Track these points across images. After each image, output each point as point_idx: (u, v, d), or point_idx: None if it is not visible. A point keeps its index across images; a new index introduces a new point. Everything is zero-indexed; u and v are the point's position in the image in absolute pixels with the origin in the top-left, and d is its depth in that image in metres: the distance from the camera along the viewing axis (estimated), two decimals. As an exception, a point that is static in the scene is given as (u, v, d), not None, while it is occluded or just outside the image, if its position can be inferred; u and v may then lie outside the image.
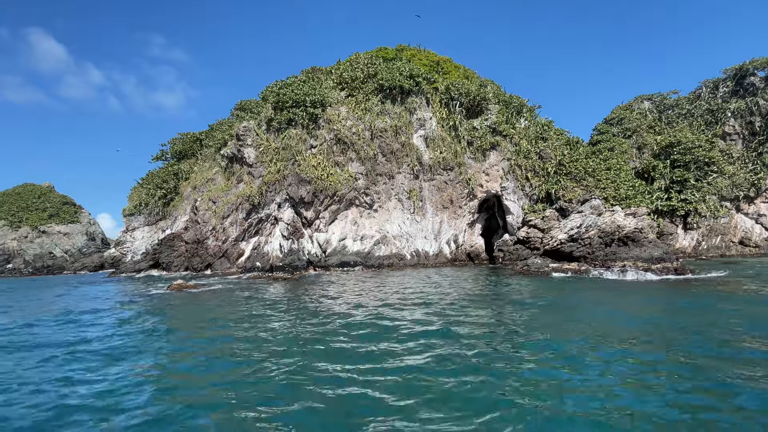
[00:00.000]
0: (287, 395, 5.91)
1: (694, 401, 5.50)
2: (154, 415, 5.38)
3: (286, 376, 6.69)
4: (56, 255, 63.61)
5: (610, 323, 10.37)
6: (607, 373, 6.54)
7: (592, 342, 8.32)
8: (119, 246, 40.02)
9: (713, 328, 9.41)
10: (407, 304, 13.08)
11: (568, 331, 9.37)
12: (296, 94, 32.49)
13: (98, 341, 9.53)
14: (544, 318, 10.99)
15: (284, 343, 8.81)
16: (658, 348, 7.96)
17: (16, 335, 10.44)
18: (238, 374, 6.88)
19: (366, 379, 6.37)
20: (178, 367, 7.69)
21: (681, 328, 9.52)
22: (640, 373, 6.51)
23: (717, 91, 47.88)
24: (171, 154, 45.70)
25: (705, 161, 40.67)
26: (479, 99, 37.61)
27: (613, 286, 17.17)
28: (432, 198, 34.47)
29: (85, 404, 5.85)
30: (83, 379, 6.91)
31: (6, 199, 68.26)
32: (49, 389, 6.48)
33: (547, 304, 13.16)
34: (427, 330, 9.56)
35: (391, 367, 6.89)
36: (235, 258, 29.43)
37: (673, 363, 7.01)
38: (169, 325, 11.39)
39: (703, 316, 10.89)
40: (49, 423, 5.31)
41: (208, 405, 5.69)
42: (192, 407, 5.59)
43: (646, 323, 10.20)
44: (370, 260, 28.55)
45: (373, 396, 5.76)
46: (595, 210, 25.96)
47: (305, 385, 6.26)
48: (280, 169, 30.50)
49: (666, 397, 5.56)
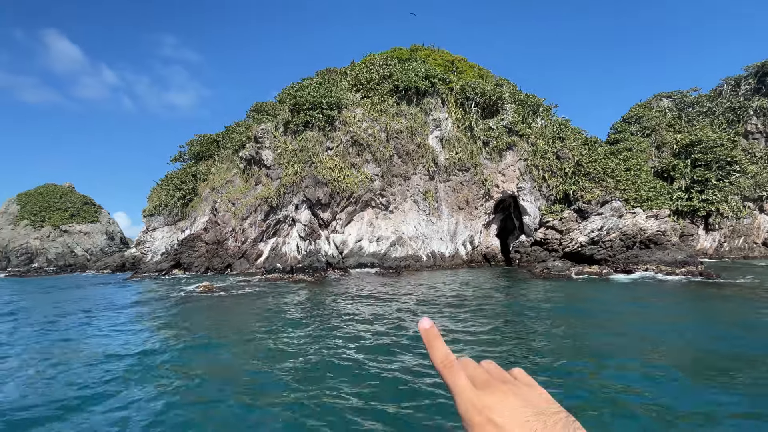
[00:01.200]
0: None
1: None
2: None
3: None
4: (77, 254, 65.30)
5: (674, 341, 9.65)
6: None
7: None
8: (140, 246, 40.89)
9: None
10: (461, 319, 11.91)
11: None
12: (313, 96, 32.75)
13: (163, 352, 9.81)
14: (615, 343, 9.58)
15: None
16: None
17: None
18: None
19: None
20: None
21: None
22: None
23: (739, 89, 46.74)
24: (189, 155, 46.43)
25: (727, 160, 39.77)
26: (495, 98, 37.38)
27: (645, 292, 16.60)
28: (448, 199, 34.43)
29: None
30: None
31: (29, 199, 70.27)
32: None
33: (602, 332, 10.79)
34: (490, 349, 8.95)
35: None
36: (254, 258, 29.88)
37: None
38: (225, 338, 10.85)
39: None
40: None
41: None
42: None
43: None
44: (387, 261, 28.71)
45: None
46: (616, 212, 25.65)
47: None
48: (298, 171, 30.82)
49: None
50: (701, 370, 7.45)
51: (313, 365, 7.96)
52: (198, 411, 6.06)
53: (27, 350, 9.80)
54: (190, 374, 7.69)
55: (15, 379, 7.77)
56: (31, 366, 8.50)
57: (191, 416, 5.89)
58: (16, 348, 10.02)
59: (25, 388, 7.25)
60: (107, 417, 5.96)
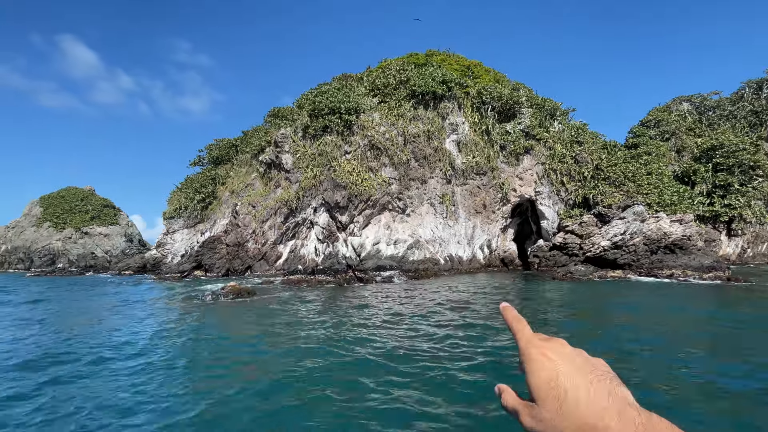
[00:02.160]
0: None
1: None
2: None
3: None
4: (97, 255, 66.84)
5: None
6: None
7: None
8: (160, 248, 41.73)
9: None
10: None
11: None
12: (331, 101, 33.20)
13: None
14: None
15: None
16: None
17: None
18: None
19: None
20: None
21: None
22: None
23: (761, 92, 45.89)
24: (208, 159, 47.35)
25: (750, 165, 39.07)
26: (512, 103, 37.40)
27: (684, 294, 16.51)
28: (465, 203, 34.45)
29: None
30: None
31: (51, 201, 72.27)
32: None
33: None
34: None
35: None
36: (273, 260, 30.28)
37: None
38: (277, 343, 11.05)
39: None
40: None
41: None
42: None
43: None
44: (405, 265, 28.82)
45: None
46: (639, 216, 25.39)
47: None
48: (317, 175, 31.21)
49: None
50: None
51: (357, 361, 8.13)
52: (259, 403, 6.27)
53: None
54: (241, 372, 7.93)
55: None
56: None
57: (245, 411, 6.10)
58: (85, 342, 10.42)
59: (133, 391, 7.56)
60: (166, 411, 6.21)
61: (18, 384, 7.26)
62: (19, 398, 6.62)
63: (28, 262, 63.42)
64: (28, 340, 10.74)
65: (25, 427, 5.61)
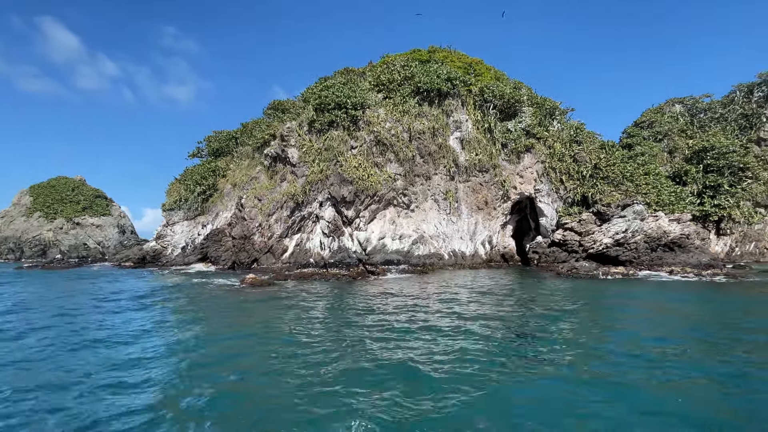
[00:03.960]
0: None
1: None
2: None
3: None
4: (90, 246, 65.93)
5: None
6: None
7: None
8: (160, 239, 41.49)
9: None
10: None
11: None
12: (338, 96, 33.35)
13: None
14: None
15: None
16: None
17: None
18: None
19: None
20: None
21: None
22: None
23: (752, 96, 47.44)
24: (208, 151, 47.02)
25: (739, 166, 40.56)
26: (513, 101, 38.03)
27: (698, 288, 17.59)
28: (467, 199, 35.11)
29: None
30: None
31: (41, 191, 70.77)
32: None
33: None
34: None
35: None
36: (279, 254, 30.52)
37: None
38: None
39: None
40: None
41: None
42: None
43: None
44: (411, 259, 29.38)
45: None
46: (639, 215, 26.36)
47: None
48: (323, 170, 31.43)
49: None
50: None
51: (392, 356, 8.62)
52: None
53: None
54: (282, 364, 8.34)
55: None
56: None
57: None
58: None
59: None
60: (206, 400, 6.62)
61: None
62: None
63: (19, 253, 62.21)
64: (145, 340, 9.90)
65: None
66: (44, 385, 6.86)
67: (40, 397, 6.39)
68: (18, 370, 7.67)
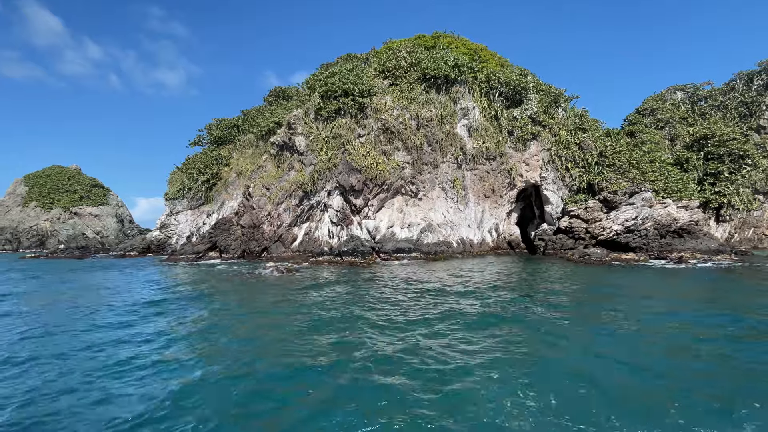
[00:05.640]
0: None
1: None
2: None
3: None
4: (88, 236, 65.30)
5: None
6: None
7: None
8: (164, 229, 41.25)
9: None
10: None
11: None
12: (344, 83, 32.99)
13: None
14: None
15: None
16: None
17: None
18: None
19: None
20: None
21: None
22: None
23: (752, 84, 47.78)
24: (209, 139, 46.44)
25: (739, 154, 41.07)
26: (519, 88, 37.91)
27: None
28: (474, 187, 35.24)
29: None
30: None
31: (36, 180, 69.60)
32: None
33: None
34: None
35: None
36: (289, 242, 30.56)
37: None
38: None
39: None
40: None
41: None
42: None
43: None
44: (421, 247, 29.59)
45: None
46: (647, 202, 26.72)
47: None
48: (331, 158, 31.29)
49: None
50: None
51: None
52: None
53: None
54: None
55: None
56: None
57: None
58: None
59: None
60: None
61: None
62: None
63: (16, 243, 61.50)
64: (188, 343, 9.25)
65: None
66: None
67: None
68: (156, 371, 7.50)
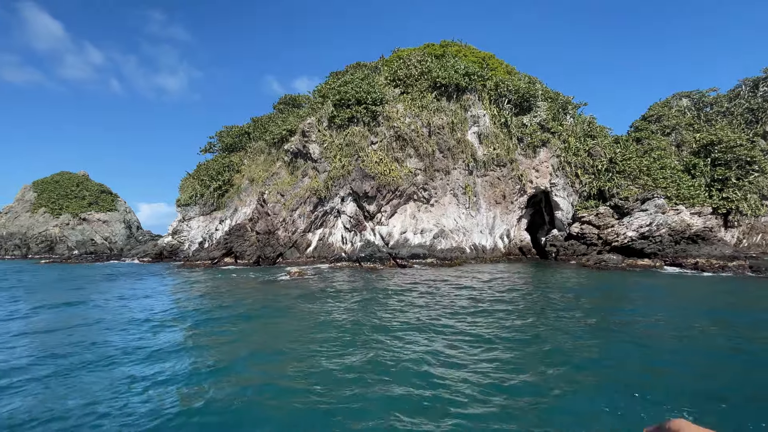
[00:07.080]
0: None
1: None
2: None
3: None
4: (97, 242, 65.66)
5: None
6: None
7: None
8: (177, 234, 41.59)
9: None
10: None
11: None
12: (357, 91, 33.52)
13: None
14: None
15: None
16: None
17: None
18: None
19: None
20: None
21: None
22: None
23: (757, 90, 48.23)
24: (220, 146, 46.99)
25: (746, 160, 41.38)
26: (528, 96, 38.44)
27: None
28: (485, 193, 35.61)
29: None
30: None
31: (45, 186, 70.13)
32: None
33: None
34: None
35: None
36: (304, 248, 30.89)
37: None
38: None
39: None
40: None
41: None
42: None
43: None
44: (435, 253, 29.89)
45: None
46: (660, 208, 27.04)
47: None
48: (345, 165, 31.71)
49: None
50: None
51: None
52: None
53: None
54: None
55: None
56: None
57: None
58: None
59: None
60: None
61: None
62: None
63: (25, 249, 61.86)
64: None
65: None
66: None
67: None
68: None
